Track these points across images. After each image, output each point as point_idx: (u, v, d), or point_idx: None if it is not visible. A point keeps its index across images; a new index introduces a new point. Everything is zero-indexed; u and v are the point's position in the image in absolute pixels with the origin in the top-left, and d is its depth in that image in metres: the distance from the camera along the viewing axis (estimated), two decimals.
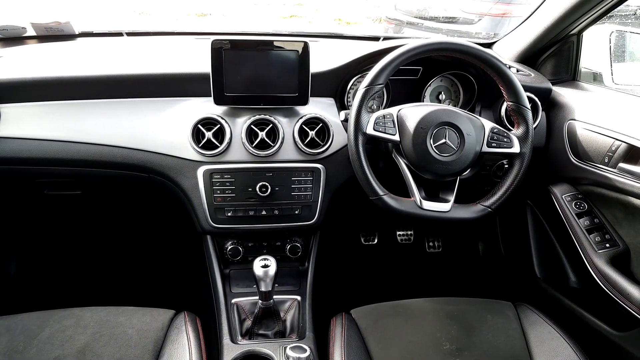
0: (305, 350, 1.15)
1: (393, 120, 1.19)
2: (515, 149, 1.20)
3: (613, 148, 1.28)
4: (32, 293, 1.95)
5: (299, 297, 1.42)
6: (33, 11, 1.66)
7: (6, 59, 1.43)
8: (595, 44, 1.60)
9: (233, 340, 1.28)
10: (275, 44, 1.26)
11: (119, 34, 1.73)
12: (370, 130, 1.17)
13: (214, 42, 1.23)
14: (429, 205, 1.18)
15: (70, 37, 1.66)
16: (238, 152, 1.32)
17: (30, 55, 1.51)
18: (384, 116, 1.19)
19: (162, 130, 1.32)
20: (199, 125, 1.29)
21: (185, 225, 1.49)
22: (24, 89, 1.29)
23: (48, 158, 1.30)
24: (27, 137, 1.29)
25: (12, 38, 1.61)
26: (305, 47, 1.26)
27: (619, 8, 1.40)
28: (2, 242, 1.90)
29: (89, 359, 1.11)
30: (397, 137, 1.19)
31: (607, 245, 1.36)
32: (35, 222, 2.00)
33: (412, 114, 1.20)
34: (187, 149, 1.30)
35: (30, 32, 1.62)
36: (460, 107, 1.43)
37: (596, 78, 1.66)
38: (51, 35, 1.64)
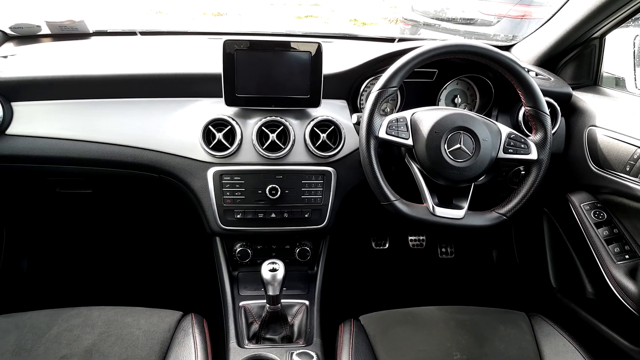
0: (312, 357, 1.15)
1: (406, 124, 1.17)
2: (533, 155, 1.17)
3: (635, 156, 1.24)
4: (43, 290, 1.97)
5: (307, 302, 1.41)
6: (48, 10, 1.68)
7: (20, 57, 1.44)
8: (618, 48, 1.56)
9: (240, 344, 1.27)
10: (288, 45, 1.24)
11: (133, 33, 1.73)
12: (382, 134, 1.15)
13: (225, 43, 1.21)
14: (441, 211, 1.15)
15: (84, 35, 1.67)
16: (248, 153, 1.31)
17: (44, 54, 1.52)
18: (397, 120, 1.16)
19: (173, 130, 1.32)
20: (210, 126, 1.28)
21: (195, 226, 1.49)
22: (37, 87, 1.30)
23: (60, 156, 1.31)
24: (40, 136, 1.30)
25: (27, 36, 1.63)
26: (318, 48, 1.24)
27: None
28: (15, 239, 1.92)
29: (95, 359, 1.11)
30: (410, 142, 1.16)
31: (627, 256, 1.32)
32: (47, 220, 2.02)
33: (426, 117, 1.17)
34: (198, 150, 1.30)
35: (45, 30, 1.63)
36: (476, 112, 1.40)
37: (618, 83, 1.61)
38: (65, 33, 1.65)
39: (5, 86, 1.27)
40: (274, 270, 1.17)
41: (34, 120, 1.30)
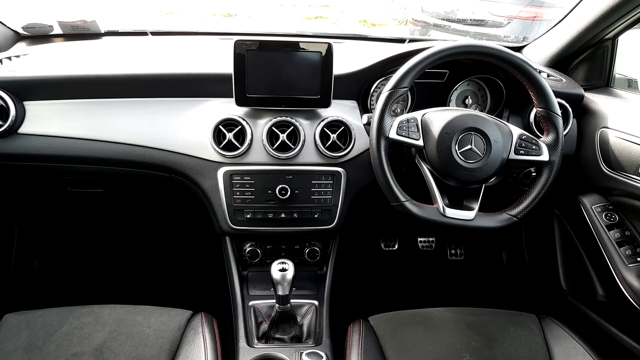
0: (321, 357, 1.15)
1: (417, 125, 1.16)
2: (544, 157, 1.16)
3: None
4: (53, 289, 1.99)
5: (316, 302, 1.41)
6: (60, 10, 1.69)
7: (33, 56, 1.45)
8: (631, 49, 1.54)
9: (249, 343, 1.27)
10: (299, 45, 1.24)
11: (144, 34, 1.74)
12: (393, 134, 1.14)
13: (236, 43, 1.22)
14: (452, 212, 1.15)
15: (96, 35, 1.69)
16: (258, 153, 1.31)
17: (56, 54, 1.53)
18: (407, 120, 1.16)
19: (183, 130, 1.33)
20: (220, 126, 1.28)
21: (205, 225, 1.49)
22: (49, 86, 1.31)
23: (71, 155, 1.32)
24: (52, 135, 1.31)
25: (39, 36, 1.65)
26: (329, 48, 1.24)
27: None
28: (27, 238, 1.94)
29: (106, 357, 1.12)
30: (420, 142, 1.16)
31: (638, 259, 1.30)
32: (58, 219, 2.03)
33: (437, 118, 1.17)
34: (208, 150, 1.30)
35: (57, 30, 1.65)
36: (487, 113, 1.39)
37: (631, 85, 1.60)
38: (77, 33, 1.67)
39: (17, 85, 1.28)
40: (283, 270, 1.17)
41: (46, 120, 1.31)
